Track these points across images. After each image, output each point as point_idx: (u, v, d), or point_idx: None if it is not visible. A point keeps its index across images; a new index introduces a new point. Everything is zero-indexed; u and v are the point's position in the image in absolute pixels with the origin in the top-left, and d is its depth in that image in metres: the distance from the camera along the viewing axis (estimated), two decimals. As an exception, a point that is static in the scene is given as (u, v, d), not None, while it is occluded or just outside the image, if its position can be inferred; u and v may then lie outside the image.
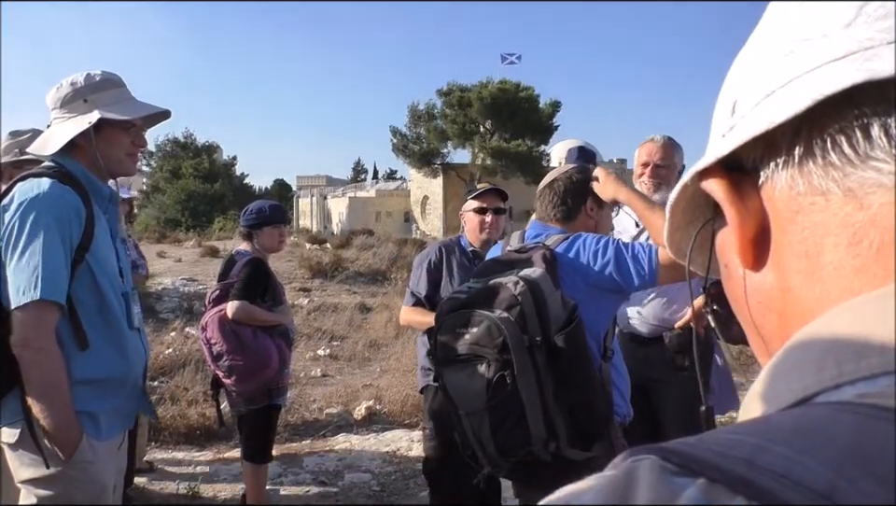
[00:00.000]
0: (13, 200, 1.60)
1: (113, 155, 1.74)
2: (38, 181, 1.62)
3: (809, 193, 0.32)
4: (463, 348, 1.58)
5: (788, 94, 0.32)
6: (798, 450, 0.24)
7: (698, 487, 0.23)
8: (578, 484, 0.28)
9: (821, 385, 0.27)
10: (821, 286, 0.32)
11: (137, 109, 1.77)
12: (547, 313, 1.56)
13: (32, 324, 1.54)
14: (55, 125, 1.74)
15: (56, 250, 1.57)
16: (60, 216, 1.59)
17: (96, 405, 1.68)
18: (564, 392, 1.56)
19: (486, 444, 1.57)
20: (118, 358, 1.72)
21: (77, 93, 1.72)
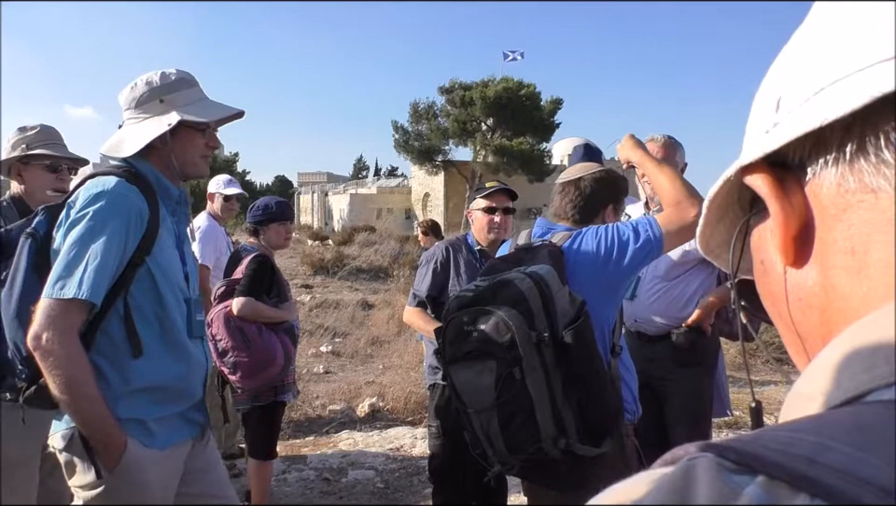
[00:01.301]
0: (78, 197, 1.56)
1: (188, 157, 1.70)
2: (105, 179, 1.58)
3: (859, 190, 0.32)
4: (471, 346, 1.58)
5: (840, 91, 0.32)
6: (859, 447, 0.23)
7: (759, 485, 0.23)
8: (630, 483, 0.27)
9: (873, 382, 0.27)
10: (868, 283, 0.32)
11: (214, 111, 1.72)
12: (555, 309, 1.56)
13: (51, 320, 1.46)
14: (129, 126, 1.69)
15: (108, 250, 1.51)
16: (121, 215, 1.54)
17: (149, 412, 1.62)
18: (572, 388, 1.56)
19: (495, 442, 1.57)
20: (174, 365, 1.65)
21: (152, 93, 1.67)
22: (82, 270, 1.47)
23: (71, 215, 1.54)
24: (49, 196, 2.28)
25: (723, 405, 2.89)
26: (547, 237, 1.83)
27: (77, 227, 1.51)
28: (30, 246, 1.57)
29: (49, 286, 1.47)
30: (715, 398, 2.88)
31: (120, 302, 1.56)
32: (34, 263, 1.55)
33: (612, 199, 1.92)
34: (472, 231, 2.86)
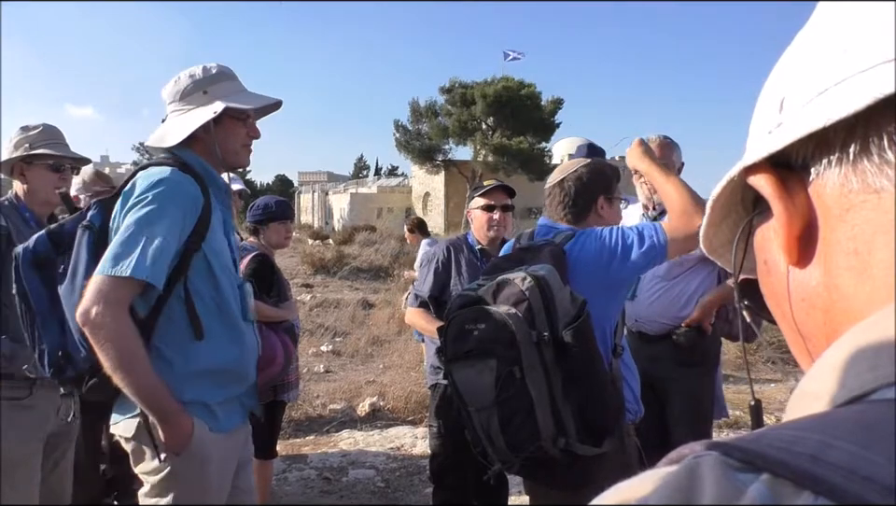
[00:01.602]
0: (135, 185, 1.58)
1: (230, 146, 1.73)
2: (160, 168, 1.61)
3: (862, 191, 0.32)
4: (472, 344, 1.59)
5: (844, 92, 0.32)
6: (863, 446, 0.24)
7: (763, 483, 0.24)
8: (635, 481, 0.28)
9: (878, 382, 0.27)
10: (871, 284, 0.32)
11: (256, 100, 1.76)
12: (555, 308, 1.56)
13: (102, 294, 1.46)
14: (173, 117, 1.73)
15: (166, 233, 1.52)
16: (179, 202, 1.57)
17: (213, 396, 1.65)
18: (573, 388, 1.57)
19: (496, 440, 1.58)
20: (233, 349, 1.69)
21: (196, 85, 1.71)
22: (139, 250, 1.48)
23: (129, 201, 1.56)
24: (52, 196, 2.29)
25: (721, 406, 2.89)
26: (549, 237, 1.83)
27: (135, 210, 1.53)
28: (88, 238, 1.58)
29: (102, 263, 1.49)
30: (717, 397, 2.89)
31: (181, 286, 1.58)
32: (94, 255, 1.55)
33: (601, 190, 1.91)
34: (472, 231, 2.86)
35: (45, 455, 2.23)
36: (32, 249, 1.61)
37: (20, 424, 2.11)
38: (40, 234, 1.64)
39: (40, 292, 1.59)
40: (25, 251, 1.61)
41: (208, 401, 1.64)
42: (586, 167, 1.92)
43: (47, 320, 1.59)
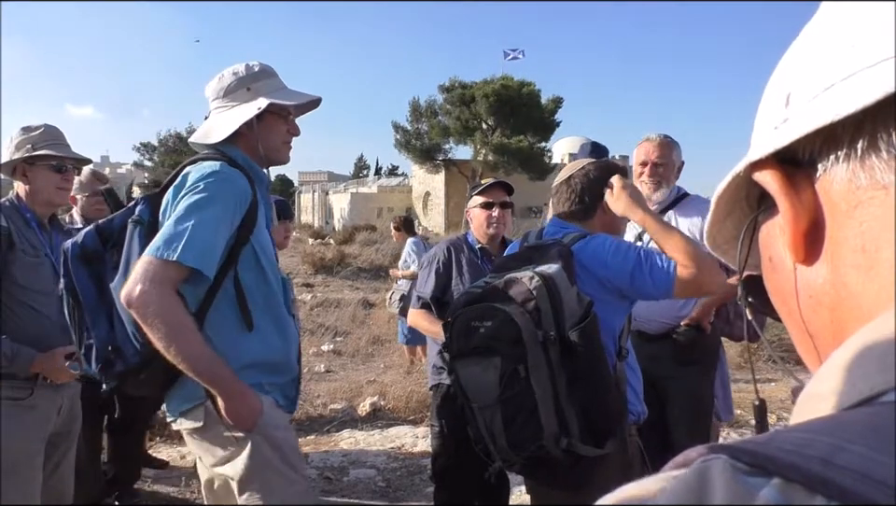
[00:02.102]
0: (187, 177, 1.59)
1: (272, 143, 1.75)
2: (211, 162, 1.62)
3: (870, 187, 0.32)
4: (477, 341, 1.59)
5: (852, 87, 0.31)
6: (875, 449, 0.23)
7: (774, 487, 0.23)
8: (642, 484, 0.27)
9: (888, 383, 0.27)
10: (879, 282, 0.32)
11: (297, 97, 1.78)
12: (562, 308, 1.56)
13: (148, 274, 1.46)
14: (217, 114, 1.75)
15: (215, 224, 1.53)
16: (230, 193, 1.58)
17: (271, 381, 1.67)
18: (577, 388, 1.56)
19: (498, 438, 1.58)
20: (280, 340, 1.70)
21: (240, 82, 1.73)
22: (187, 236, 1.48)
23: (181, 192, 1.57)
24: (54, 196, 2.29)
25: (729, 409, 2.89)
26: (558, 236, 1.82)
27: (187, 198, 1.54)
28: (139, 232, 1.59)
29: (151, 246, 1.49)
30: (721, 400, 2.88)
31: (231, 279, 1.60)
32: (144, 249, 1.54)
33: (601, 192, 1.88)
34: (472, 230, 2.86)
35: (46, 455, 2.23)
36: (80, 244, 1.61)
37: (21, 424, 2.11)
38: (89, 229, 1.64)
39: (88, 287, 1.60)
40: (74, 246, 1.62)
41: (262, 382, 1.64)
42: (594, 165, 1.91)
43: (95, 315, 1.59)
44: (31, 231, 2.21)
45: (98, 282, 1.59)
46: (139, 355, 1.55)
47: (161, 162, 40.45)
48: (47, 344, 2.14)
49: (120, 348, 1.56)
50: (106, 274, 1.59)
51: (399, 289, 6.97)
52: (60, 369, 2.13)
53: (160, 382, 1.59)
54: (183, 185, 1.58)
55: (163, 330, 1.47)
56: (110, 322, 1.57)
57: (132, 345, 1.55)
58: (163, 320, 1.46)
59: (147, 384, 1.62)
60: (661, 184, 2.71)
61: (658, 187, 2.71)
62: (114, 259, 1.60)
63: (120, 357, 1.57)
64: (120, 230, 1.62)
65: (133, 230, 1.60)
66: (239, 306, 1.60)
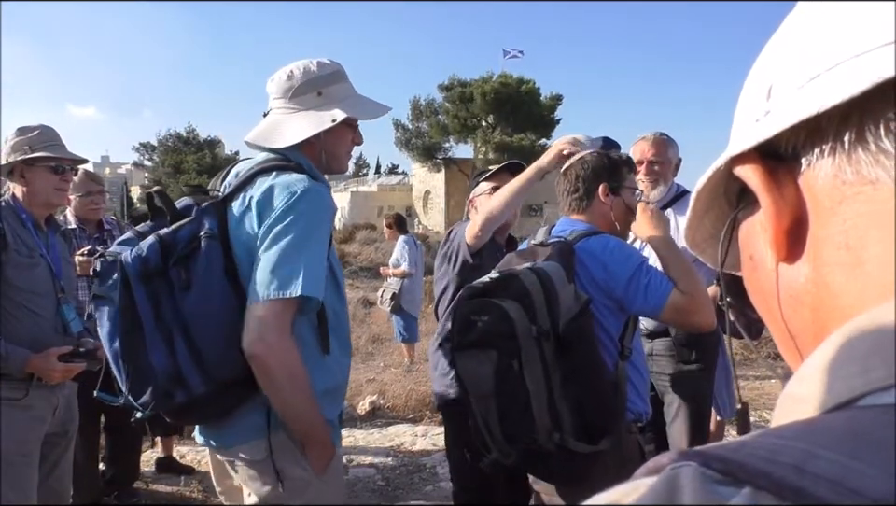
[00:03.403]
0: (273, 191, 1.44)
1: (338, 152, 1.63)
2: (297, 177, 1.48)
3: (857, 182, 0.30)
4: (475, 335, 1.63)
5: (837, 77, 0.30)
6: (851, 456, 0.22)
7: (744, 496, 0.22)
8: (614, 493, 0.26)
9: (869, 386, 0.26)
10: (863, 281, 0.31)
11: (371, 108, 1.66)
12: (558, 305, 1.57)
13: (273, 318, 1.37)
14: (281, 115, 1.59)
15: (322, 249, 1.45)
16: (325, 214, 1.49)
17: (333, 414, 1.59)
18: (571, 385, 1.57)
19: (493, 430, 1.62)
20: (346, 363, 1.64)
21: (310, 84, 1.57)
22: (305, 267, 1.39)
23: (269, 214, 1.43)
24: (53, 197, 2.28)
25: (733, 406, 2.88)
26: (564, 234, 1.82)
27: (290, 224, 1.41)
28: (218, 250, 1.44)
29: (265, 285, 1.38)
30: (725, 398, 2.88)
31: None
32: (225, 267, 1.44)
33: (604, 177, 1.87)
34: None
35: (43, 455, 2.22)
36: (144, 259, 1.41)
37: (17, 424, 2.11)
38: (151, 242, 1.43)
39: (146, 307, 1.40)
40: (136, 261, 1.41)
41: (333, 421, 1.58)
42: (591, 154, 1.90)
43: (154, 339, 1.40)
44: (26, 231, 2.21)
45: (155, 303, 1.41)
46: (206, 384, 1.40)
47: (160, 162, 40.48)
48: (42, 344, 2.13)
49: (184, 378, 1.40)
50: (163, 294, 1.41)
51: (390, 287, 6.96)
52: (53, 369, 2.13)
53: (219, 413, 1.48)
54: (269, 202, 1.43)
55: (283, 384, 1.40)
56: (170, 348, 1.40)
57: (197, 373, 1.40)
58: (287, 371, 1.39)
59: (208, 415, 1.50)
60: (658, 182, 2.71)
61: (655, 185, 2.71)
62: (183, 277, 1.41)
63: (183, 386, 1.40)
64: (185, 244, 1.43)
65: (210, 245, 1.43)
66: (319, 329, 1.51)
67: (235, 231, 1.46)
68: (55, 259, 2.28)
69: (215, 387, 1.41)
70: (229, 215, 1.48)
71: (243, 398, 1.46)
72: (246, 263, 1.44)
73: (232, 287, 1.43)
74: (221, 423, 1.51)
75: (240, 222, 1.46)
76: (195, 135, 41.53)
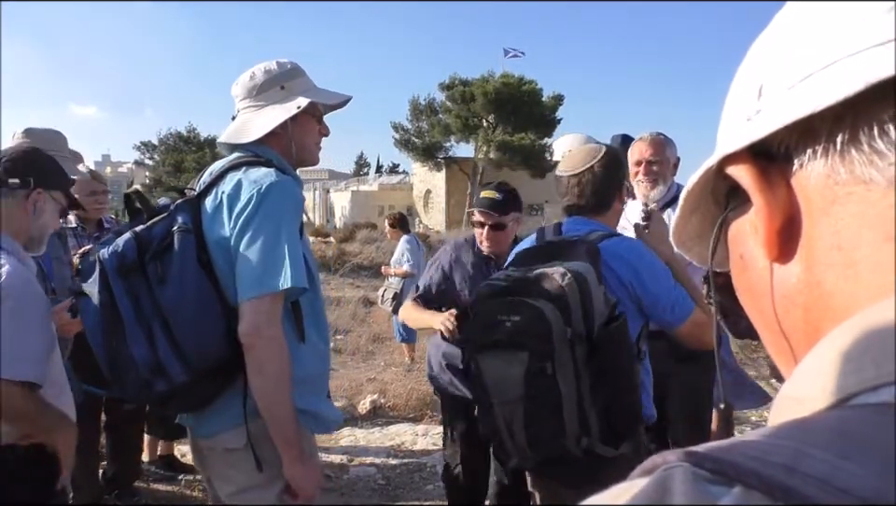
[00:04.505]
0: (241, 186, 1.51)
1: (305, 143, 1.69)
2: (265, 170, 1.54)
3: (850, 183, 0.30)
4: (502, 335, 1.55)
5: (832, 77, 0.30)
6: (840, 455, 0.22)
7: (734, 496, 0.22)
8: (605, 496, 0.27)
9: (860, 386, 0.26)
10: (856, 281, 0.31)
11: (332, 95, 1.71)
12: (591, 307, 1.54)
13: (266, 312, 1.44)
14: (248, 113, 1.65)
15: (295, 237, 1.50)
16: (294, 204, 1.54)
17: (316, 403, 1.62)
18: (601, 388, 1.54)
19: (517, 435, 1.55)
20: (326, 350, 1.67)
21: (272, 80, 1.65)
22: (288, 259, 1.45)
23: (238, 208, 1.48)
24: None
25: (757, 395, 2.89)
26: (580, 233, 1.78)
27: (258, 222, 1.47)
28: (192, 243, 1.49)
29: (255, 282, 1.44)
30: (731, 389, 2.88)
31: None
32: (199, 259, 1.48)
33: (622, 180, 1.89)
34: None
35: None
36: (120, 254, 1.46)
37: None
38: (127, 238, 1.48)
39: (125, 302, 1.45)
40: (113, 257, 1.46)
41: (316, 410, 1.61)
42: (608, 157, 1.85)
43: (134, 332, 1.45)
44: None
45: (134, 297, 1.45)
46: (187, 373, 1.45)
47: (161, 161, 40.53)
48: None
49: (164, 367, 1.44)
50: (141, 288, 1.46)
51: (392, 287, 6.96)
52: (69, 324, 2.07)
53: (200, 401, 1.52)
54: (238, 196, 1.49)
55: (271, 375, 1.45)
56: (150, 340, 1.45)
57: (178, 363, 1.44)
58: (277, 364, 1.45)
59: (189, 403, 1.55)
60: (657, 182, 2.72)
61: (655, 185, 2.72)
62: (159, 271, 1.46)
63: (164, 376, 1.45)
64: (162, 239, 1.49)
65: (185, 239, 1.48)
66: (294, 317, 1.55)
67: (208, 226, 1.52)
68: (46, 259, 2.27)
69: (195, 376, 1.45)
70: (202, 210, 1.54)
71: (223, 386, 1.51)
72: (220, 256, 1.50)
73: (208, 278, 1.48)
74: (203, 411, 1.56)
75: (213, 217, 1.52)
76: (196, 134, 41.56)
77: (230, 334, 1.46)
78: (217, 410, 1.54)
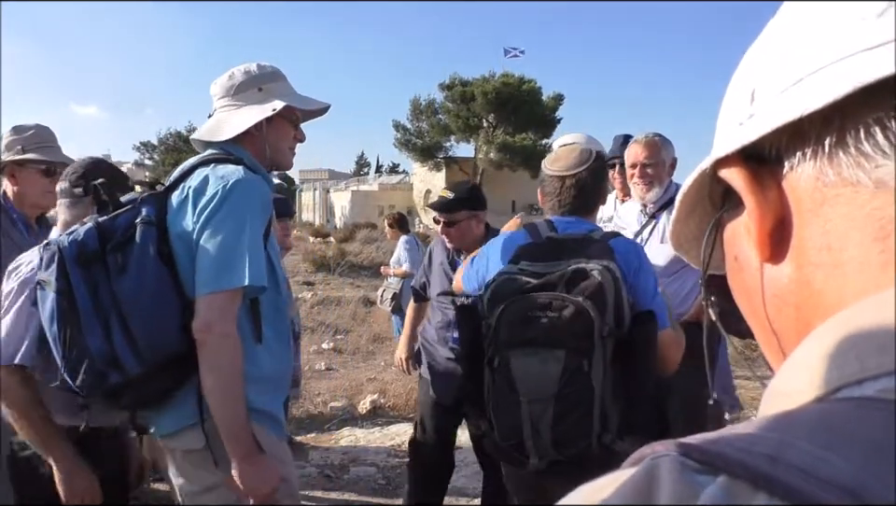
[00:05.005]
0: (207, 181, 1.50)
1: (280, 146, 1.69)
2: (232, 167, 1.54)
3: (838, 184, 0.31)
4: (538, 332, 1.52)
5: (821, 81, 0.31)
6: (822, 446, 0.23)
7: (719, 485, 0.23)
8: (597, 484, 0.27)
9: (843, 380, 0.27)
10: (844, 280, 0.32)
11: (310, 102, 1.73)
12: (623, 305, 1.55)
13: (219, 308, 1.43)
14: (224, 112, 1.66)
15: (258, 236, 1.50)
16: (260, 203, 1.53)
17: (274, 405, 1.60)
18: (624, 386, 1.55)
19: (543, 433, 1.52)
20: (285, 353, 1.65)
21: (251, 81, 1.66)
22: (249, 256, 1.45)
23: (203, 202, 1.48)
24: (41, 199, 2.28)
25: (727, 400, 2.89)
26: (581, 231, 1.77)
27: (224, 213, 1.46)
28: (152, 235, 1.48)
29: (212, 278, 1.43)
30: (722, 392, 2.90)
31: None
32: (159, 252, 1.47)
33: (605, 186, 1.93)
34: None
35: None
36: (80, 242, 1.44)
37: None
38: (89, 227, 1.47)
39: (82, 291, 1.43)
40: (72, 245, 1.44)
41: (273, 411, 1.58)
42: (597, 163, 1.87)
43: (90, 323, 1.43)
44: (16, 231, 2.21)
45: (92, 287, 1.44)
46: (141, 365, 1.43)
47: (161, 161, 40.55)
48: None
49: (119, 359, 1.42)
50: (100, 279, 1.44)
51: (391, 287, 6.96)
52: None
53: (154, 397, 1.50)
54: (203, 191, 1.49)
55: (222, 371, 1.43)
56: (106, 331, 1.43)
57: (132, 356, 1.43)
58: (230, 362, 1.44)
59: (142, 397, 1.51)
60: (653, 184, 2.73)
61: (650, 187, 2.73)
62: (118, 262, 1.45)
63: (117, 368, 1.43)
64: (125, 231, 1.48)
65: (146, 231, 1.47)
66: (252, 317, 1.54)
67: (173, 219, 1.51)
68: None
69: (149, 369, 1.44)
70: (168, 204, 1.53)
71: (179, 381, 1.49)
72: (182, 249, 1.49)
73: (167, 271, 1.47)
74: (159, 407, 1.53)
75: (178, 211, 1.51)
76: (196, 135, 41.47)
77: (186, 328, 1.44)
78: (174, 406, 1.52)
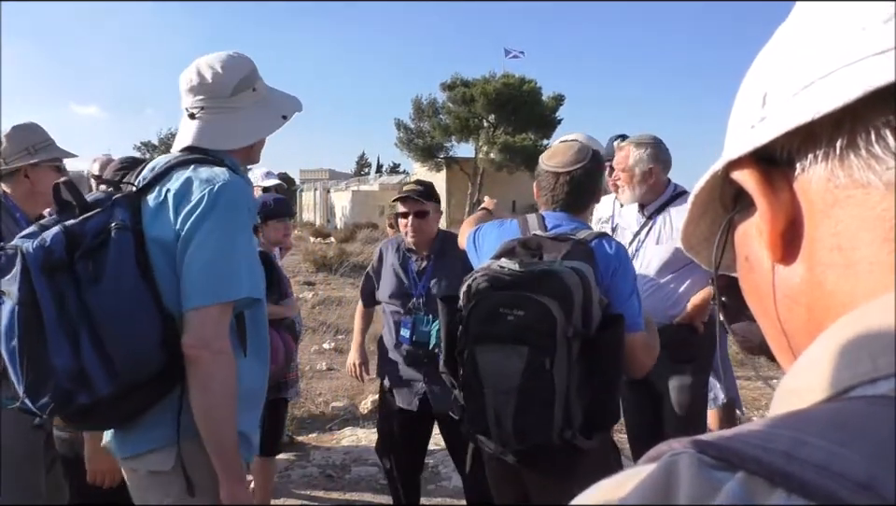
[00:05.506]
0: (191, 184, 1.40)
1: (256, 147, 1.63)
2: (217, 169, 1.44)
3: (849, 186, 0.32)
4: (505, 329, 1.57)
5: (831, 85, 0.31)
6: (837, 442, 0.24)
7: (737, 481, 0.24)
8: (615, 481, 0.28)
9: (856, 379, 0.27)
10: (855, 281, 0.32)
11: (293, 103, 1.66)
12: (591, 307, 1.60)
13: (214, 323, 1.34)
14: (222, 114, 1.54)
15: (250, 243, 1.43)
16: (246, 206, 1.45)
17: (251, 425, 1.52)
18: (589, 385, 1.60)
19: (504, 423, 1.58)
20: (262, 368, 1.56)
21: (245, 81, 1.55)
22: (244, 267, 1.38)
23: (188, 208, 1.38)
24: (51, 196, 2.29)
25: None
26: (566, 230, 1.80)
27: (211, 224, 1.36)
28: (129, 239, 1.36)
29: (206, 290, 1.34)
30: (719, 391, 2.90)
31: None
32: (137, 259, 1.36)
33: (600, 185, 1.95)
34: None
35: (45, 449, 2.25)
36: (48, 249, 1.30)
37: (23, 424, 2.13)
38: (56, 233, 1.32)
39: (47, 302, 1.29)
40: (38, 251, 1.29)
41: (248, 431, 1.50)
42: (593, 162, 1.89)
43: (56, 337, 1.29)
44: (20, 230, 2.22)
45: (58, 297, 1.29)
46: (113, 385, 1.30)
47: (162, 161, 40.53)
48: None
49: (88, 377, 1.29)
50: (67, 289, 1.30)
51: None
52: None
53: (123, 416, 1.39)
54: (187, 195, 1.39)
55: (216, 391, 1.35)
56: (75, 347, 1.29)
57: (104, 374, 1.30)
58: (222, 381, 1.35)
59: (111, 419, 1.41)
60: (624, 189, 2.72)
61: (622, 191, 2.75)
62: (91, 270, 1.31)
63: (86, 387, 1.30)
64: (95, 235, 1.34)
65: (122, 237, 1.34)
66: (238, 328, 1.46)
67: (150, 224, 1.40)
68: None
69: (122, 388, 1.32)
70: (143, 207, 1.42)
71: (151, 400, 1.38)
72: (160, 257, 1.38)
73: (145, 281, 1.35)
74: (126, 427, 1.43)
75: (155, 215, 1.41)
76: (196, 135, 41.51)
77: (165, 343, 1.34)
78: (144, 427, 1.41)
